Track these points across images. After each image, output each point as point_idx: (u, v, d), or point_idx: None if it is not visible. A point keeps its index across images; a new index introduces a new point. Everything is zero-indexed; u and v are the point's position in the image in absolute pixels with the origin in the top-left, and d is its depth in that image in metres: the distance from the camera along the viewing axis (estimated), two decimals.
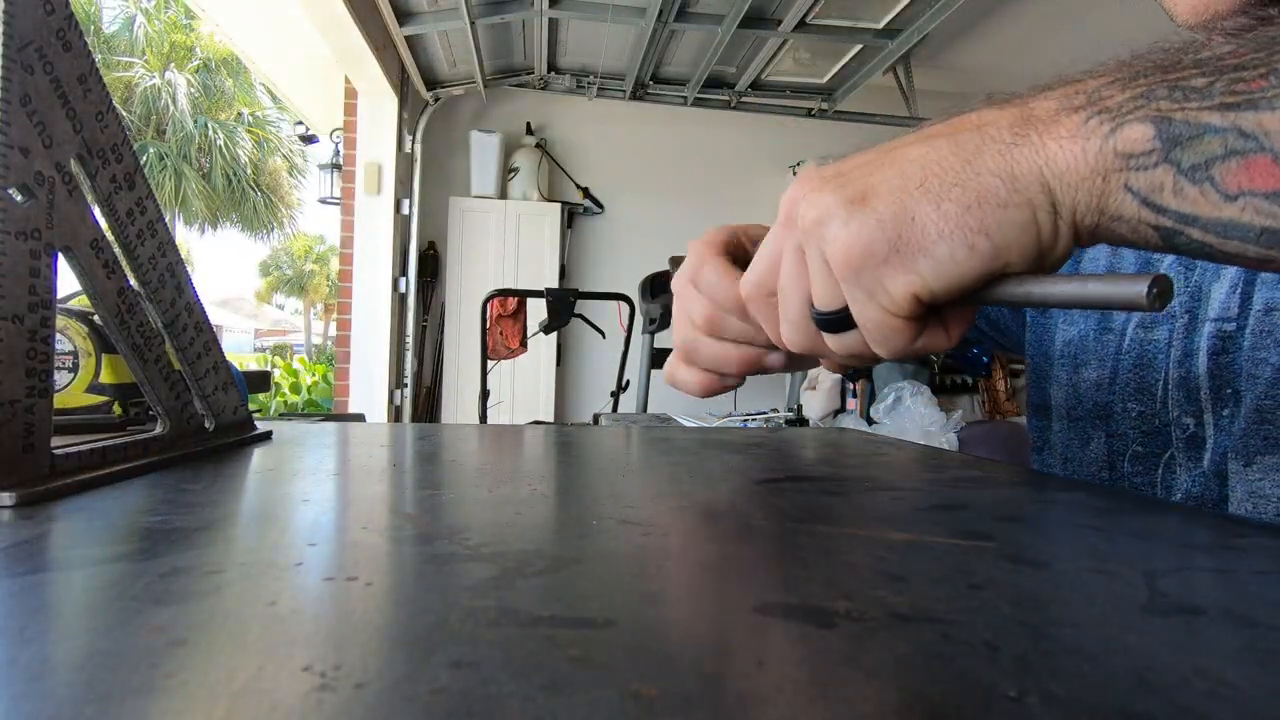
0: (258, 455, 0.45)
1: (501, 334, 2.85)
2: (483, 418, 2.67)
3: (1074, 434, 0.57)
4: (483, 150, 3.71)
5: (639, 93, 3.79)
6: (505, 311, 2.87)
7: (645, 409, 3.10)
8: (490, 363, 2.69)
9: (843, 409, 3.54)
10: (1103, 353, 0.55)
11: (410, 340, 3.61)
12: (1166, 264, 0.52)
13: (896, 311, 0.31)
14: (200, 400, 0.46)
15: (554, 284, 3.74)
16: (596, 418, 1.54)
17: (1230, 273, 0.47)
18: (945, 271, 0.29)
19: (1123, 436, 0.53)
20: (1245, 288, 0.46)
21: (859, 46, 3.25)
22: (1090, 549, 0.28)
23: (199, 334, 0.46)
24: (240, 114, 17.20)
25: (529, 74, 3.73)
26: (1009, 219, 0.28)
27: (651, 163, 4.04)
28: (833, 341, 0.35)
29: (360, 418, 1.29)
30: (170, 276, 0.43)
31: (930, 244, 0.29)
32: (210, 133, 16.17)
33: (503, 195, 3.79)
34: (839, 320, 0.33)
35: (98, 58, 0.36)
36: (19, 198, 0.31)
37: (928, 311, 0.32)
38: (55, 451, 0.33)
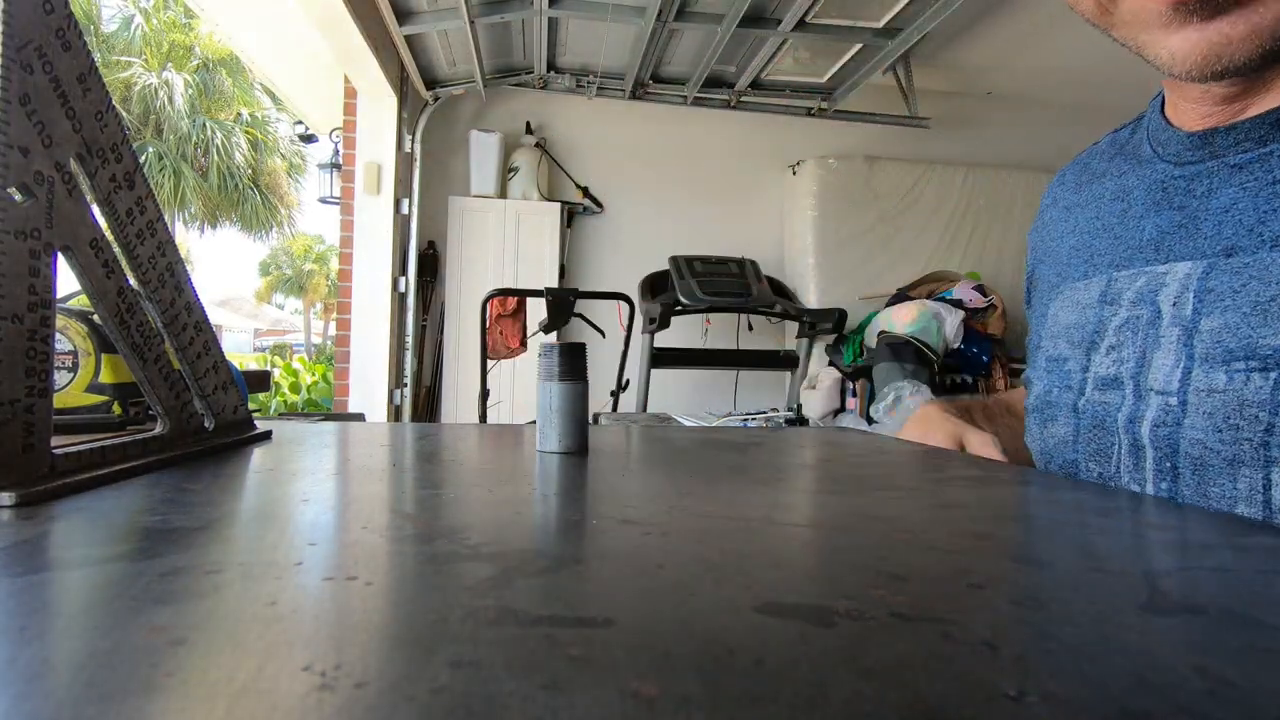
0: (257, 455, 0.45)
1: (501, 333, 2.85)
2: (482, 417, 2.66)
3: None
4: (482, 150, 3.71)
5: (638, 92, 3.78)
6: (505, 311, 2.87)
7: (645, 408, 3.11)
8: (490, 362, 2.69)
9: (842, 408, 3.54)
10: (1066, 409, 0.56)
11: (410, 340, 3.61)
12: (1115, 325, 0.51)
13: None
14: (200, 400, 0.46)
15: (554, 283, 3.73)
16: (596, 417, 1.54)
17: (1172, 343, 0.47)
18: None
19: None
20: (1186, 363, 0.45)
21: (859, 46, 3.24)
22: (1090, 549, 0.28)
23: (199, 333, 0.46)
24: (240, 114, 17.17)
25: (529, 73, 3.72)
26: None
27: (651, 162, 4.04)
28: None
29: (360, 417, 1.29)
30: (170, 276, 0.43)
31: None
32: (209, 133, 16.15)
33: (502, 195, 3.79)
34: None
35: (97, 58, 0.36)
36: (19, 197, 0.31)
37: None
38: (55, 451, 0.32)
